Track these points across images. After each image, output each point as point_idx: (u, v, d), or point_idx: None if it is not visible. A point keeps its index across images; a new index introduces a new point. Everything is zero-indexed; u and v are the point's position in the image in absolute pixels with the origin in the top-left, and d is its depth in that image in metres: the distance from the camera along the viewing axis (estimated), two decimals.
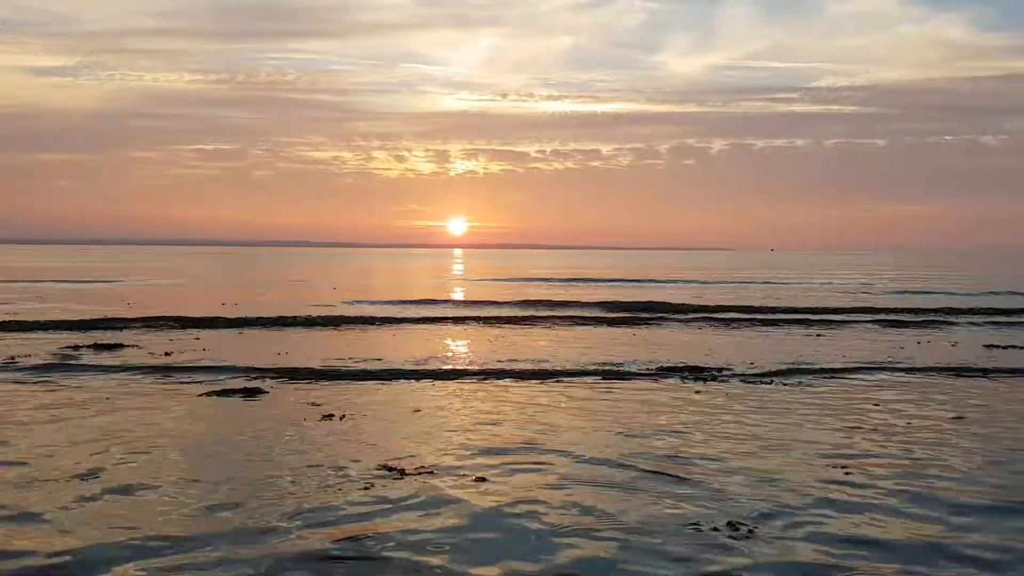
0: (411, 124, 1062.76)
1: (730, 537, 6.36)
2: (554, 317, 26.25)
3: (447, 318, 25.52)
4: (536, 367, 15.19)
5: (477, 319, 25.40)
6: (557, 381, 13.71)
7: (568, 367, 15.17)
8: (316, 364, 15.14)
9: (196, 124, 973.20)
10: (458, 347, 18.65)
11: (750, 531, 6.48)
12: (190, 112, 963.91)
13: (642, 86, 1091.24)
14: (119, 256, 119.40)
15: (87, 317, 23.23)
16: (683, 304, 31.16)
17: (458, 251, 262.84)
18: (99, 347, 17.32)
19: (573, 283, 50.79)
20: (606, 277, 58.24)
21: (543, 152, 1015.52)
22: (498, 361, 16.02)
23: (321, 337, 20.34)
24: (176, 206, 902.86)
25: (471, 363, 15.85)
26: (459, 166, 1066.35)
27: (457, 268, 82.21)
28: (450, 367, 15.17)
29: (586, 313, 28.16)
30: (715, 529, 6.53)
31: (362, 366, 15.05)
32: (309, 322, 23.51)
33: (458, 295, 37.79)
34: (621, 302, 32.21)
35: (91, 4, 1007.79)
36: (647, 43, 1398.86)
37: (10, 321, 21.85)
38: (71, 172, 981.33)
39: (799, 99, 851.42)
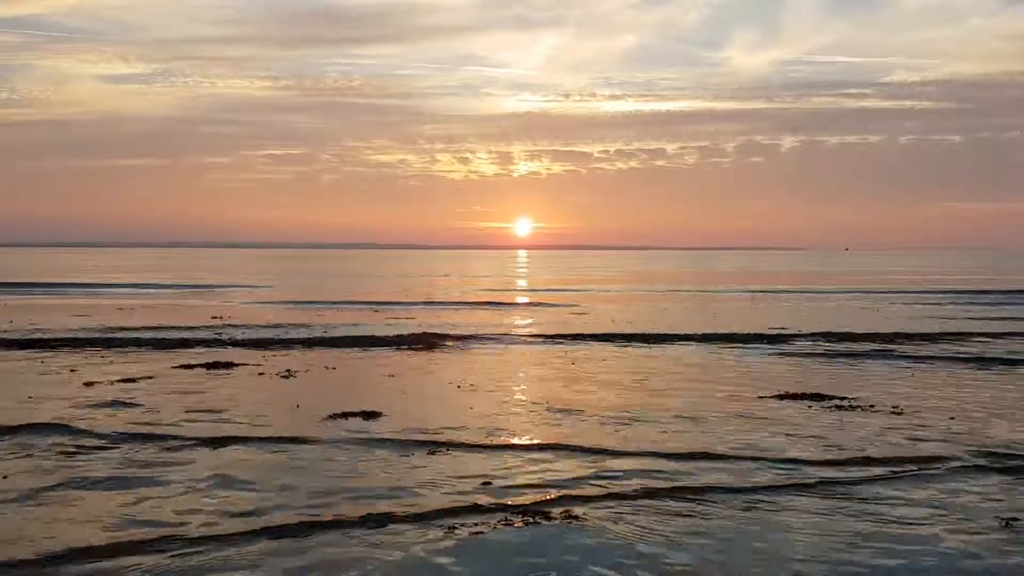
0: (474, 126, 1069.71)
1: None
2: None
3: None
4: None
5: None
6: None
7: None
8: None
9: (266, 129, 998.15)
10: None
11: None
12: (260, 118, 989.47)
13: (707, 83, 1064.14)
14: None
15: None
16: None
17: (523, 252, 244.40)
18: None
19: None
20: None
21: (606, 152, 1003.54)
22: None
23: None
24: (248, 210, 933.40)
25: None
26: (522, 167, 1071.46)
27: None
28: None
29: None
30: None
31: None
32: None
33: None
34: None
35: (162, 12, 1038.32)
36: (711, 39, 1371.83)
37: None
38: (147, 177, 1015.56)
39: (871, 95, 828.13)
